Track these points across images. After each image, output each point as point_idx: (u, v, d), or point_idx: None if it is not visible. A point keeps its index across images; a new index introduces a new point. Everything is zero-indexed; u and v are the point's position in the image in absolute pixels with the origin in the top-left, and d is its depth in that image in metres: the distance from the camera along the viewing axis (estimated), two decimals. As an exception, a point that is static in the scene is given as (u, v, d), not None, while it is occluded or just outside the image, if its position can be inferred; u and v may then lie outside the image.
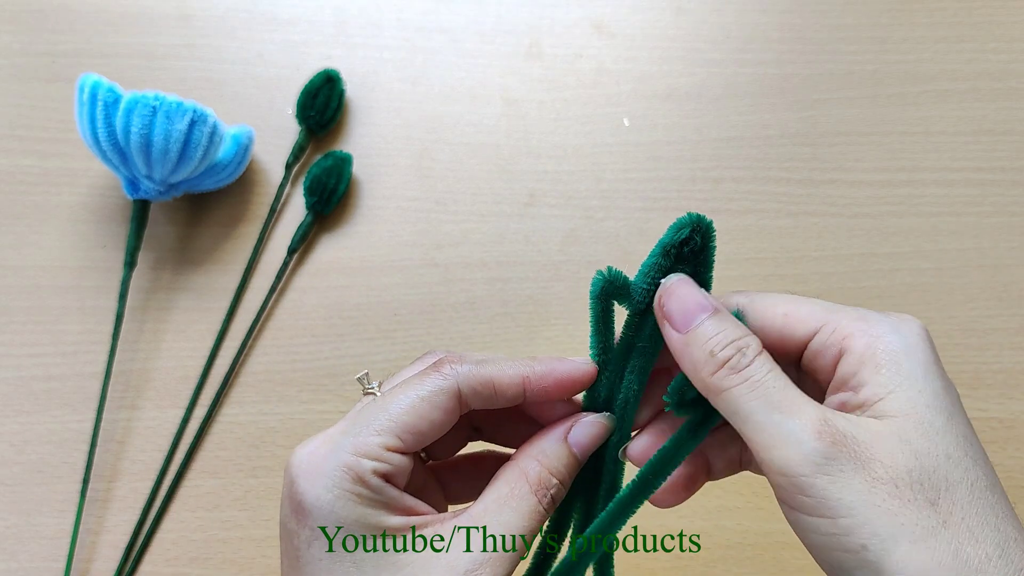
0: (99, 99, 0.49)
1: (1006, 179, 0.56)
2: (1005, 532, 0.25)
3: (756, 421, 0.26)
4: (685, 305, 0.28)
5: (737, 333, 0.28)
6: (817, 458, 0.25)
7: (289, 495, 0.28)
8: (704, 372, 0.27)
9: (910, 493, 0.24)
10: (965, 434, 0.26)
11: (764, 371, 0.27)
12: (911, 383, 0.26)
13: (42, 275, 0.54)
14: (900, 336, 0.28)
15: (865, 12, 0.61)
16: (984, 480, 0.25)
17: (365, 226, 0.56)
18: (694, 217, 0.29)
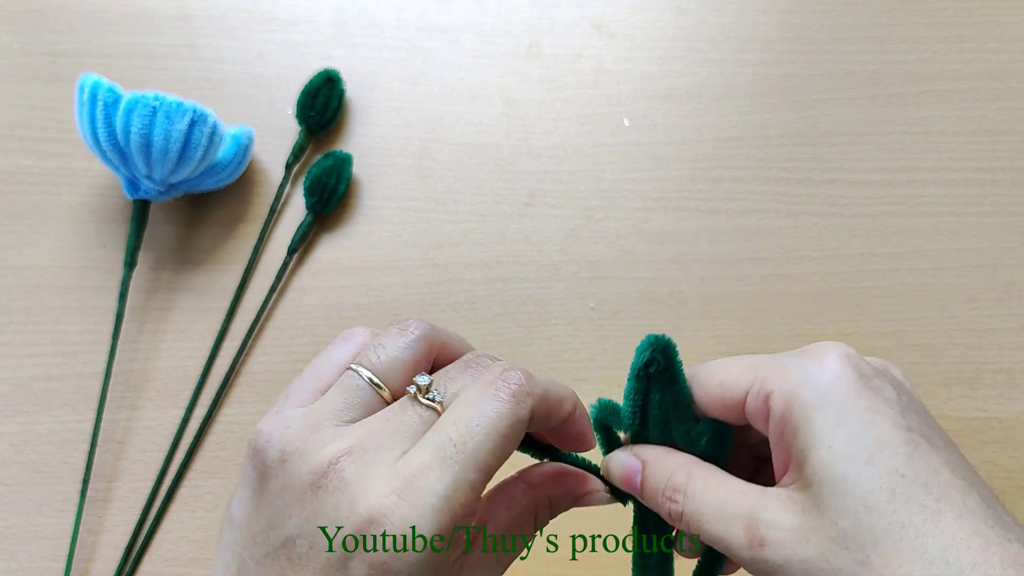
0: (99, 99, 0.49)
1: (1006, 179, 0.56)
2: (957, 562, 0.24)
3: (714, 545, 0.28)
4: (622, 476, 0.31)
5: (663, 479, 0.30)
6: (757, 565, 0.27)
7: (363, 546, 0.26)
8: (671, 523, 0.30)
9: (839, 562, 0.25)
10: (891, 469, 0.25)
11: (694, 506, 0.29)
12: (820, 439, 0.26)
13: (42, 275, 0.54)
14: (811, 386, 0.27)
15: (865, 12, 0.61)
16: (922, 514, 0.25)
17: (365, 226, 0.56)
18: (652, 339, 0.30)
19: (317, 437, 0.27)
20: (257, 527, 0.27)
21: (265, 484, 0.27)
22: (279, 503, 0.27)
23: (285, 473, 0.27)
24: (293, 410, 0.29)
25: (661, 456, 0.31)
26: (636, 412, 0.31)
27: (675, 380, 0.30)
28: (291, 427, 0.28)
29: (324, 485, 0.26)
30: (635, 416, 0.32)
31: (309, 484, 0.26)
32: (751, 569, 0.27)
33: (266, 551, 0.27)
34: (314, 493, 0.26)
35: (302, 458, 0.27)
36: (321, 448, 0.27)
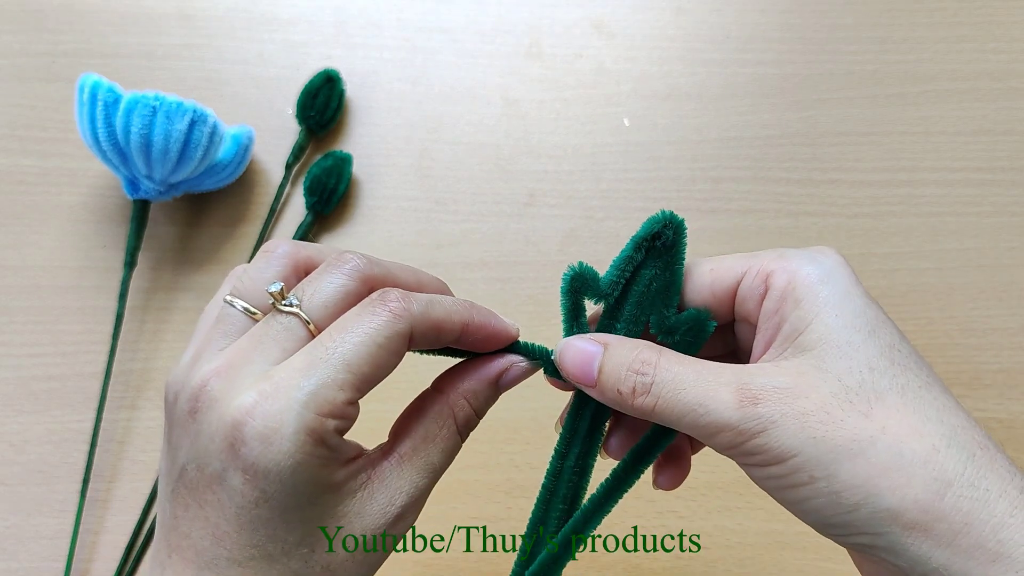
0: (99, 99, 0.49)
1: (1006, 179, 0.56)
2: (949, 423, 0.26)
3: (685, 423, 0.27)
4: (578, 361, 0.30)
5: (630, 357, 0.28)
6: (746, 424, 0.26)
7: (234, 452, 0.25)
8: (626, 406, 0.28)
9: (840, 414, 0.26)
10: (890, 344, 0.27)
11: (669, 377, 0.28)
12: (827, 309, 0.27)
13: (42, 275, 0.54)
14: (817, 266, 0.29)
15: (865, 12, 0.61)
16: (916, 381, 0.27)
17: (365, 226, 0.56)
18: (667, 214, 0.30)
19: (195, 369, 0.28)
20: (165, 468, 0.28)
21: (169, 428, 0.28)
22: (173, 439, 0.28)
23: (174, 411, 0.28)
24: (187, 356, 0.29)
25: (624, 339, 0.30)
26: (620, 283, 0.30)
27: (675, 261, 0.30)
28: (181, 369, 0.28)
29: (198, 408, 0.27)
30: (618, 286, 0.30)
31: (188, 412, 0.27)
32: (733, 436, 0.26)
33: (172, 486, 0.27)
34: (192, 418, 0.27)
35: (182, 390, 0.27)
36: (195, 376, 0.27)
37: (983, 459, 0.25)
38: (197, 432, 0.26)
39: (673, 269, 0.30)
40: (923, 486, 0.25)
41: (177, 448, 0.27)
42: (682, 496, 0.49)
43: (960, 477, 0.25)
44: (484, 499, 0.49)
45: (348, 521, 0.27)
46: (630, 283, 0.30)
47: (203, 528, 0.26)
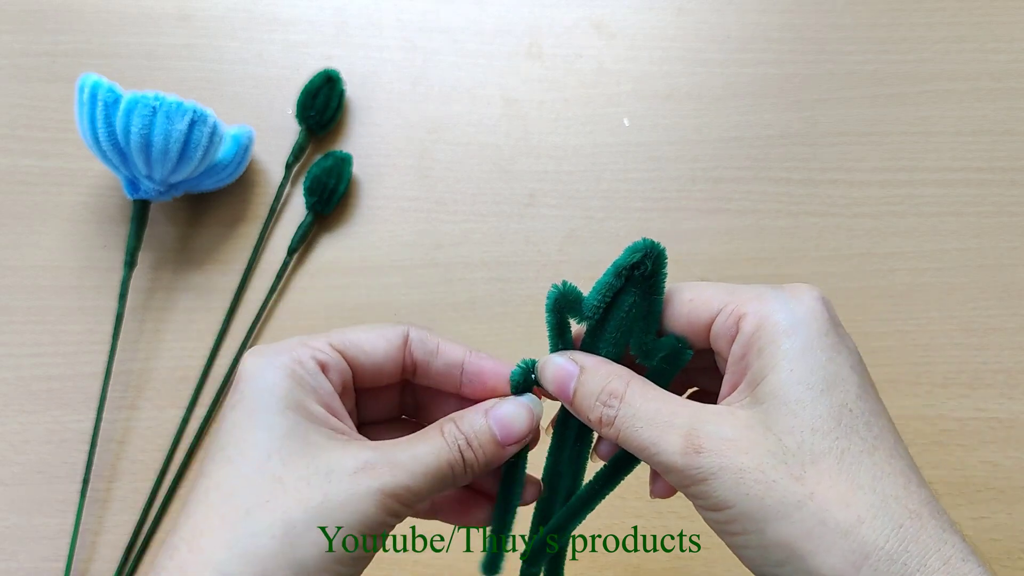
0: (99, 99, 0.49)
1: (1006, 179, 0.56)
2: (882, 492, 0.26)
3: (643, 456, 0.29)
4: (556, 380, 0.31)
5: (599, 387, 0.30)
6: (688, 471, 0.27)
7: (236, 373, 0.30)
8: (597, 430, 0.30)
9: (774, 474, 0.26)
10: (842, 403, 0.27)
11: (629, 414, 0.29)
12: (784, 363, 0.28)
13: (42, 275, 0.54)
14: (788, 313, 0.29)
15: (865, 12, 0.61)
16: (860, 446, 0.27)
17: (365, 226, 0.56)
18: (648, 243, 0.30)
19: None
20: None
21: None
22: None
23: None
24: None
25: (600, 363, 0.31)
26: (601, 307, 0.31)
27: (655, 290, 0.30)
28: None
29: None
30: (598, 310, 0.31)
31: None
32: (679, 478, 0.28)
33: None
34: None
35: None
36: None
37: (910, 530, 0.25)
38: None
39: (652, 298, 0.31)
40: (841, 556, 0.25)
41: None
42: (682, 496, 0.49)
43: (879, 550, 0.25)
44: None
45: (320, 453, 0.28)
46: (611, 307, 0.31)
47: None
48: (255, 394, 0.29)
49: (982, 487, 0.49)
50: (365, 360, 0.32)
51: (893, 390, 0.51)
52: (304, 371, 0.30)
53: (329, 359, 0.31)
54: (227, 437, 0.29)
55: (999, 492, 0.49)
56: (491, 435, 0.30)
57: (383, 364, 0.32)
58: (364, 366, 0.32)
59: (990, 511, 0.49)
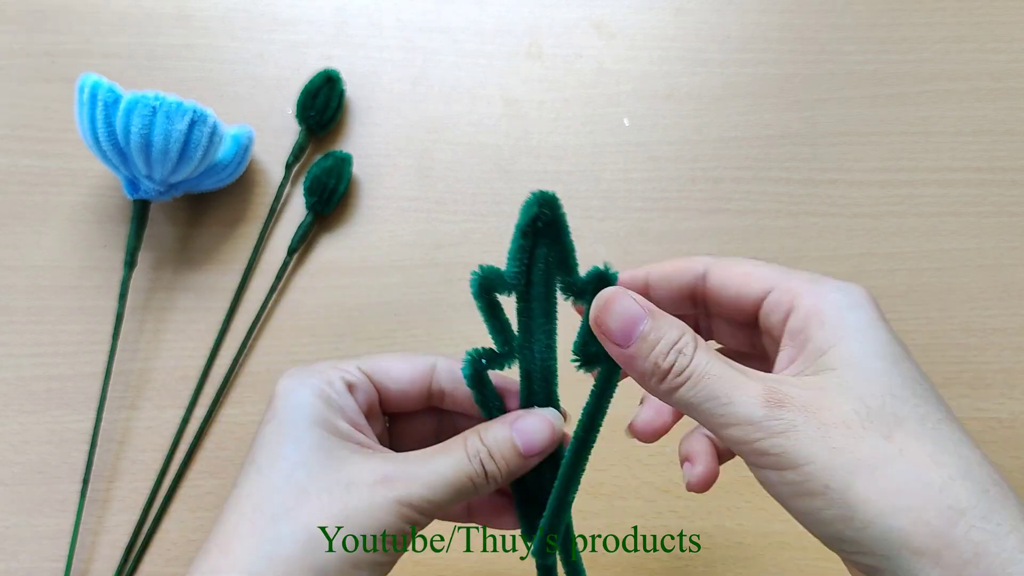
0: (99, 99, 0.49)
1: (1006, 179, 0.56)
2: (966, 457, 0.26)
3: (706, 409, 0.28)
4: (623, 319, 0.29)
5: (674, 335, 0.29)
6: (769, 422, 0.26)
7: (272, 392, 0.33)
8: (652, 381, 0.29)
9: (861, 431, 0.26)
10: (912, 376, 0.28)
11: (704, 364, 0.28)
12: (853, 335, 0.28)
13: (42, 275, 0.54)
14: (845, 294, 0.29)
15: (865, 12, 0.61)
16: (936, 414, 0.27)
17: (365, 226, 0.56)
18: (537, 194, 0.31)
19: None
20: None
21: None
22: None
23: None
24: None
25: (663, 312, 0.29)
26: (522, 271, 0.31)
27: (561, 233, 0.31)
28: None
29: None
30: (521, 274, 0.32)
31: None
32: (754, 431, 0.26)
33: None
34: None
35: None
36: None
37: (996, 495, 0.25)
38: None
39: (561, 240, 0.31)
40: (937, 512, 0.24)
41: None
42: (682, 496, 0.49)
43: (974, 508, 0.25)
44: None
45: (343, 466, 0.30)
46: (531, 267, 0.32)
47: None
48: (286, 411, 0.32)
49: (982, 487, 0.49)
50: (391, 384, 0.34)
51: (893, 390, 0.51)
52: (332, 391, 0.32)
53: (356, 380, 0.33)
54: (259, 451, 0.31)
55: (999, 492, 0.49)
56: (514, 447, 0.31)
57: (408, 389, 0.34)
58: (390, 390, 0.34)
59: (990, 511, 0.49)
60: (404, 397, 0.34)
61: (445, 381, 0.34)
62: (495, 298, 0.33)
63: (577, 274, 0.32)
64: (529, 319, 0.33)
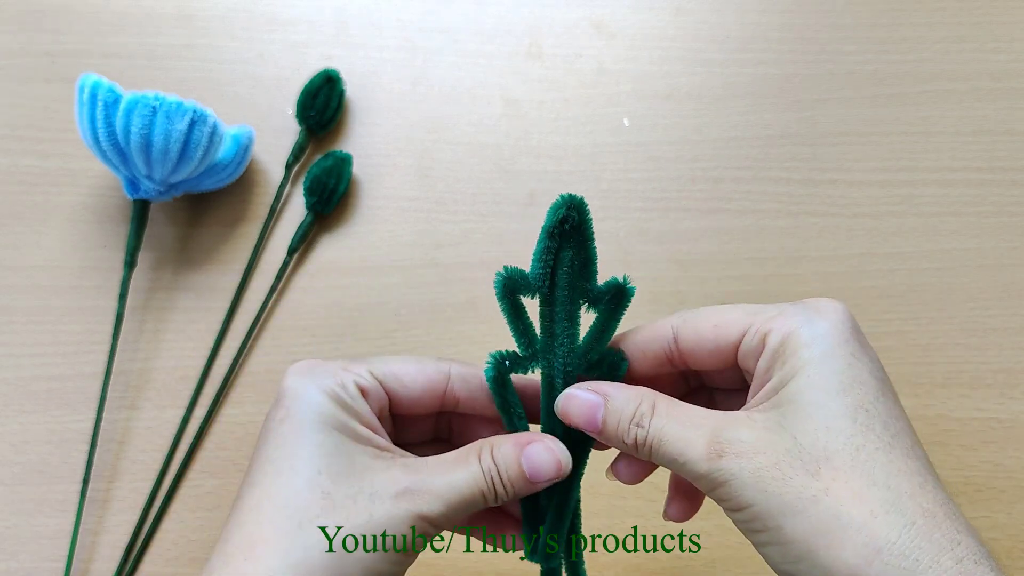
0: (99, 99, 0.49)
1: (1006, 179, 0.56)
2: (896, 488, 0.26)
3: (674, 469, 0.30)
4: (582, 412, 0.32)
5: (630, 410, 0.31)
6: (713, 475, 0.28)
7: (278, 389, 0.32)
8: (631, 452, 0.31)
9: (790, 471, 0.27)
10: (858, 404, 0.28)
11: (659, 429, 0.30)
12: (805, 369, 0.29)
13: (42, 275, 0.54)
14: (809, 327, 0.30)
15: (865, 12, 0.61)
16: (875, 442, 0.27)
17: (365, 226, 0.56)
18: (566, 197, 0.31)
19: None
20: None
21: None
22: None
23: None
24: None
25: (621, 389, 0.32)
26: (547, 272, 0.32)
27: (587, 238, 0.31)
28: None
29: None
30: (545, 277, 0.32)
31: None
32: (706, 484, 0.29)
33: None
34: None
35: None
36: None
37: (922, 527, 0.26)
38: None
39: (586, 245, 0.32)
40: (854, 551, 0.26)
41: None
42: (682, 496, 0.49)
43: (891, 545, 0.25)
44: (484, 499, 0.49)
45: (365, 473, 0.30)
46: (555, 269, 0.32)
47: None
48: (301, 412, 0.31)
49: (982, 487, 0.49)
50: (402, 391, 0.34)
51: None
52: (346, 394, 0.32)
53: (368, 385, 0.33)
54: (276, 451, 0.31)
55: (999, 492, 0.49)
56: (521, 473, 0.32)
57: (420, 397, 0.34)
58: (401, 397, 0.34)
59: (990, 511, 0.49)
60: (415, 404, 0.34)
61: (460, 390, 0.34)
62: (519, 300, 0.33)
63: (596, 281, 0.32)
64: (552, 322, 0.33)
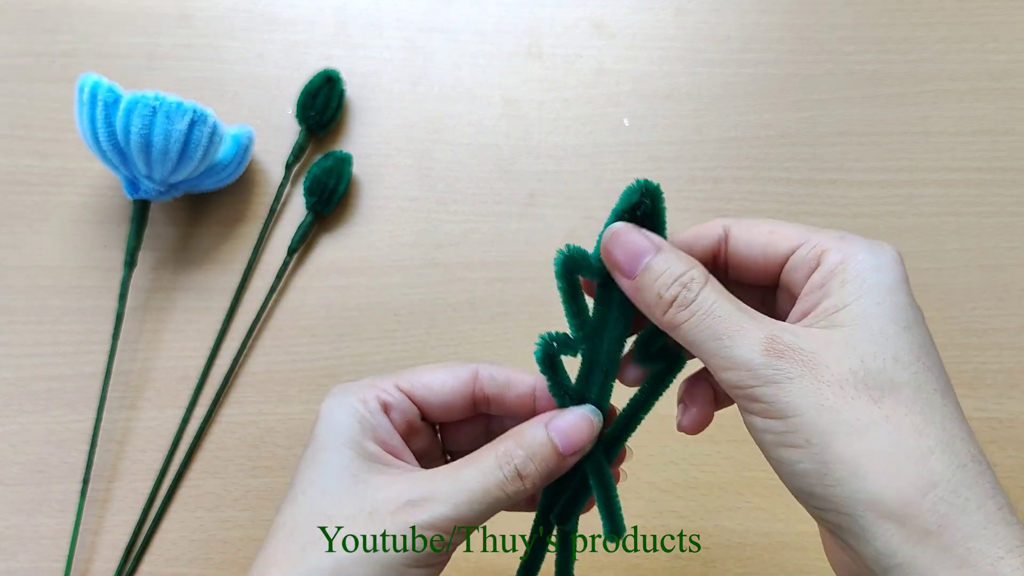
0: (99, 99, 0.49)
1: (1006, 179, 0.56)
2: (950, 431, 0.26)
3: (707, 348, 0.28)
4: (628, 250, 0.30)
5: (681, 268, 0.29)
6: (765, 370, 0.27)
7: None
8: (657, 313, 0.29)
9: (853, 392, 0.26)
10: (921, 344, 0.28)
11: (710, 302, 0.28)
12: (871, 296, 0.28)
13: (42, 275, 0.54)
14: (872, 255, 0.29)
15: (865, 12, 0.61)
16: (934, 384, 0.27)
17: (365, 226, 0.56)
18: (642, 182, 0.30)
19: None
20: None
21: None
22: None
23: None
24: None
25: (676, 250, 0.30)
26: (578, 309, 0.31)
27: (659, 227, 0.30)
28: None
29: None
30: (581, 315, 0.31)
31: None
32: (749, 376, 0.27)
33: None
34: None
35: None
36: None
37: (972, 471, 0.26)
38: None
39: (658, 234, 0.30)
40: (909, 481, 0.25)
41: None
42: (682, 496, 0.49)
43: (947, 481, 0.25)
44: (484, 499, 0.49)
45: (367, 491, 0.30)
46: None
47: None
48: (322, 434, 0.32)
49: (982, 487, 0.49)
50: (433, 398, 0.34)
51: (893, 390, 0.51)
52: (366, 410, 0.32)
53: (392, 399, 0.33)
54: (298, 476, 0.32)
55: (999, 492, 0.49)
56: (552, 447, 0.31)
57: (451, 401, 0.34)
58: (432, 404, 0.34)
59: (990, 511, 0.49)
60: (448, 409, 0.34)
61: (489, 387, 0.34)
62: (577, 280, 0.31)
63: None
64: (606, 308, 0.32)
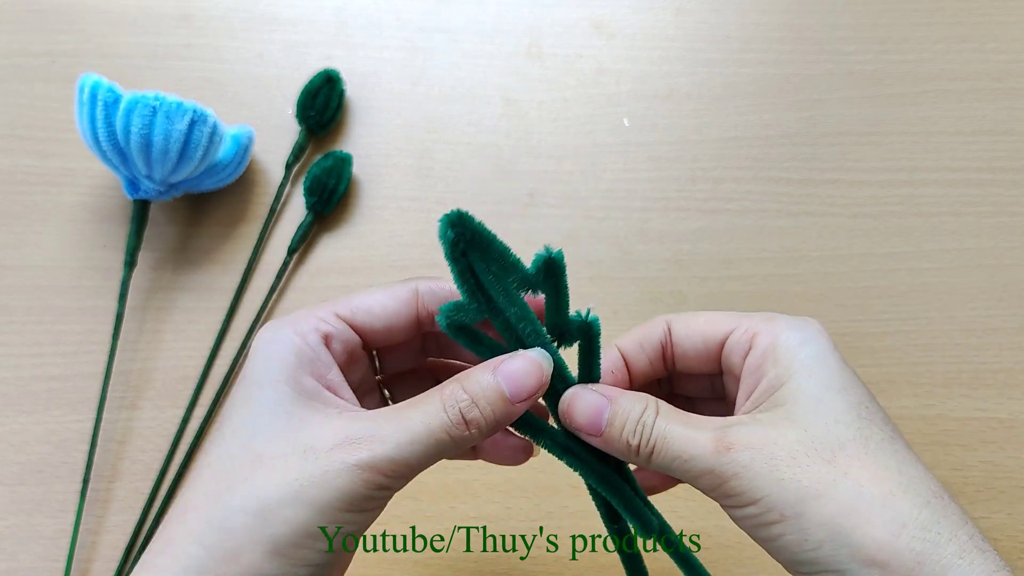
0: (99, 99, 0.49)
1: (1006, 179, 0.56)
2: (907, 473, 0.28)
3: (674, 469, 0.30)
4: (588, 413, 0.31)
5: (637, 409, 0.31)
6: (721, 468, 0.29)
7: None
8: (630, 457, 0.31)
9: (806, 459, 0.28)
10: (859, 401, 0.30)
11: (662, 429, 0.30)
12: (803, 369, 0.30)
13: (42, 275, 0.54)
14: (798, 331, 0.31)
15: (865, 12, 0.61)
16: (879, 435, 0.29)
17: (365, 226, 0.56)
18: (445, 218, 0.28)
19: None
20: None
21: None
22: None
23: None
24: None
25: (624, 392, 0.32)
26: (475, 292, 0.30)
27: (489, 242, 0.29)
28: None
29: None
30: (476, 296, 0.30)
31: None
32: (712, 480, 0.29)
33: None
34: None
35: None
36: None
37: (936, 506, 0.27)
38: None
39: (492, 247, 0.29)
40: (881, 526, 0.27)
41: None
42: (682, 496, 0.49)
43: (914, 520, 0.27)
44: (484, 499, 0.49)
45: (302, 428, 0.29)
46: (480, 285, 0.30)
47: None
48: (255, 369, 0.30)
49: (982, 487, 0.49)
50: (375, 323, 0.32)
51: (893, 390, 0.51)
52: (305, 343, 0.30)
53: (332, 329, 0.31)
54: (226, 414, 0.30)
55: (999, 492, 0.49)
56: (500, 392, 0.29)
57: (395, 323, 0.32)
58: (375, 329, 0.32)
59: (990, 511, 0.49)
60: (391, 331, 0.32)
61: (431, 304, 0.32)
62: (471, 328, 0.31)
63: (523, 267, 0.30)
64: (507, 326, 0.31)
